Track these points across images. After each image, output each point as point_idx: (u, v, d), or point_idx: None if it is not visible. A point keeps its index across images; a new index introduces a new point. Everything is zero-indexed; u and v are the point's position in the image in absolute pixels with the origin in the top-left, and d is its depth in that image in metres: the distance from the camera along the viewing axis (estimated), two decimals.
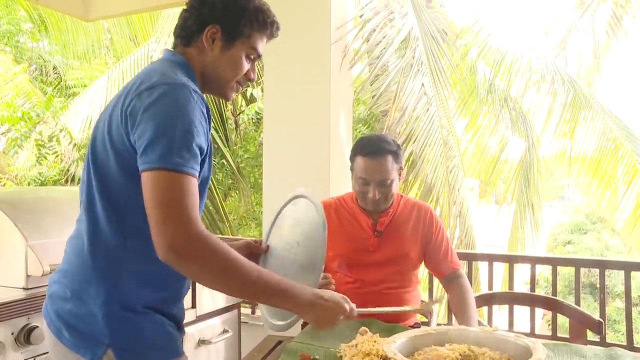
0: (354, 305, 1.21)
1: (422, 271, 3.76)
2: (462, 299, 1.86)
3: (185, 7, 1.24)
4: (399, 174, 1.94)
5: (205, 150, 1.09)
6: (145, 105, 1.04)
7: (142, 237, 1.04)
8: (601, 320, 1.96)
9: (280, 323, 1.28)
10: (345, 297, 1.20)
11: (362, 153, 1.89)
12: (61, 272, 1.17)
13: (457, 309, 1.85)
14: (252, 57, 1.25)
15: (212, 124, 1.14)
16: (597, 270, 2.79)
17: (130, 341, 1.09)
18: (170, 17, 7.05)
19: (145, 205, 1.00)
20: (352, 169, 1.97)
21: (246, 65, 1.24)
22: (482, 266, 4.17)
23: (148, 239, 1.00)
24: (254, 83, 6.04)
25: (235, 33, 1.20)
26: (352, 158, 1.95)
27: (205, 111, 1.09)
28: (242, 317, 2.72)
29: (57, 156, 6.86)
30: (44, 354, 1.81)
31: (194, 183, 1.02)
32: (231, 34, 1.20)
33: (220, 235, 4.80)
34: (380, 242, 1.95)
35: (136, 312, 1.10)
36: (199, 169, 1.05)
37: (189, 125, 1.03)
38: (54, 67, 9.14)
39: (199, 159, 1.05)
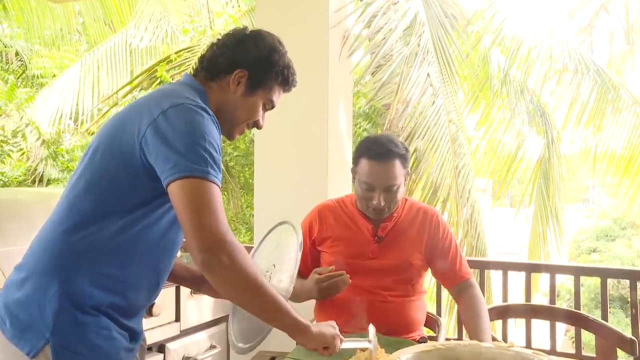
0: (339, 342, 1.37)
1: (429, 280, 3.78)
2: (473, 311, 1.87)
3: (216, 42, 1.45)
4: (405, 180, 1.95)
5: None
6: (167, 123, 1.21)
7: (113, 242, 1.24)
8: (634, 338, 1.93)
9: (242, 346, 1.46)
10: (335, 334, 1.36)
11: (367, 155, 1.89)
12: (21, 264, 1.30)
13: (469, 322, 1.86)
14: (267, 106, 1.47)
15: None
16: (628, 282, 2.75)
17: (71, 339, 1.20)
18: (150, 0, 7.03)
19: (178, 211, 1.18)
20: (354, 171, 1.97)
21: (261, 113, 1.46)
22: (495, 276, 4.18)
23: (118, 245, 1.23)
24: None
25: (260, 82, 1.42)
26: (356, 160, 1.95)
27: (217, 127, 1.30)
28: None
29: (22, 154, 6.83)
30: None
31: (219, 192, 1.21)
32: (256, 83, 1.42)
33: None
34: (381, 248, 1.96)
35: (83, 312, 1.21)
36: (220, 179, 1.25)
37: (209, 139, 1.22)
38: (17, 54, 9.10)
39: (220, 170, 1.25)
